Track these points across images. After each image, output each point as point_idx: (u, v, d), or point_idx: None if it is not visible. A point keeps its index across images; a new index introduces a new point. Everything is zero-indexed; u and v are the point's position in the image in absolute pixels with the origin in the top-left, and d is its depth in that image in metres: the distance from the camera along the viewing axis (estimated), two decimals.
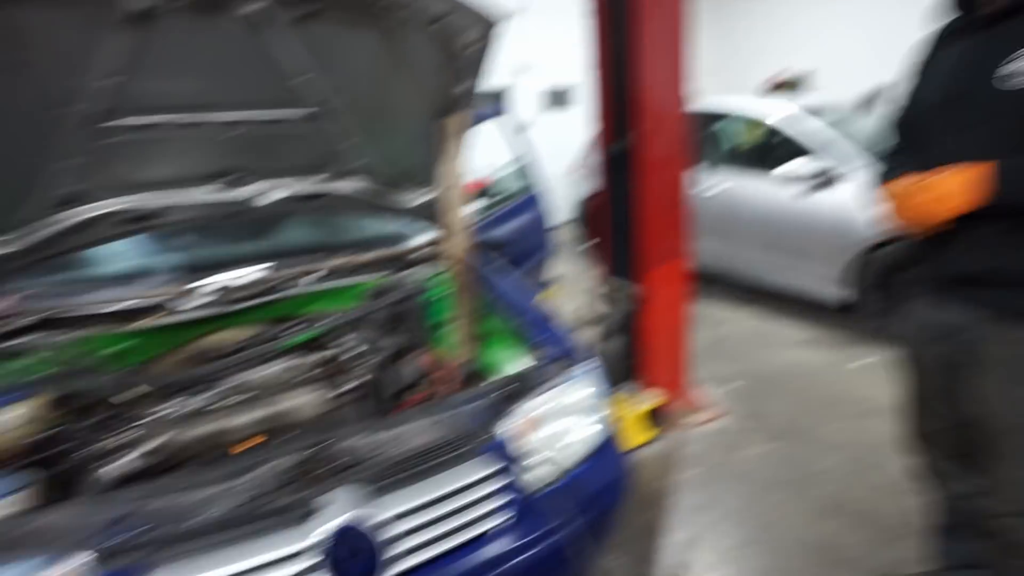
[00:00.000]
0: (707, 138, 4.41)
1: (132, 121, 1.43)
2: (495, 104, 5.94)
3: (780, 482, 2.32)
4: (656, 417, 2.62)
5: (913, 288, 1.46)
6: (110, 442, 1.36)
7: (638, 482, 2.33)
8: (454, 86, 1.70)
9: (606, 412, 1.54)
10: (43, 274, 1.85)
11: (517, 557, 1.23)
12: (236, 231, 2.18)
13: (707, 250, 4.32)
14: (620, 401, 2.62)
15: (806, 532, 2.04)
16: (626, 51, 2.38)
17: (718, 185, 4.20)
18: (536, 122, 7.29)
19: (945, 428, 1.48)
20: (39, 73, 1.27)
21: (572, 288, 4.43)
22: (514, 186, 3.85)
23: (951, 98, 1.21)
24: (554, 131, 6.99)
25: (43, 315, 1.66)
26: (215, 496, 1.09)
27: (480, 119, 3.63)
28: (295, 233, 2.32)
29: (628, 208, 2.54)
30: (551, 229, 3.91)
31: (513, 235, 3.31)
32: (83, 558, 0.94)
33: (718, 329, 3.86)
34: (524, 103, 7.24)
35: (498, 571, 1.21)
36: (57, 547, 0.95)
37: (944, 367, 1.40)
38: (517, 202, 3.62)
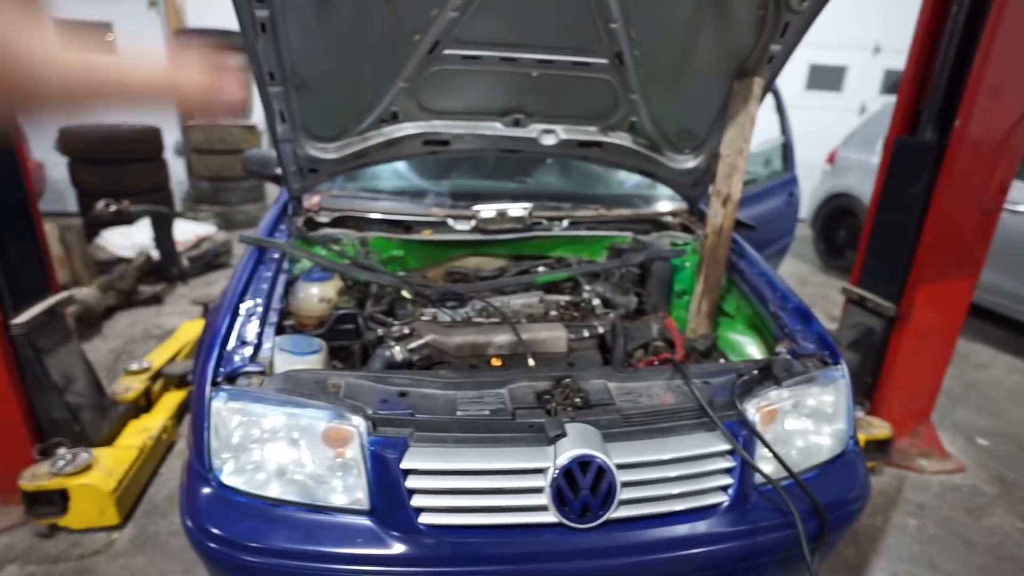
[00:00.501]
0: None
1: (456, 52, 1.60)
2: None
3: (1016, 564, 1.95)
4: (880, 449, 2.34)
5: None
6: (385, 332, 1.60)
7: None
8: (767, 46, 1.61)
9: (848, 424, 1.42)
10: (348, 179, 2.22)
11: (722, 543, 1.22)
12: (507, 168, 2.36)
13: (993, 280, 3.65)
14: None
15: None
16: (965, 20, 2.00)
17: None
18: (797, 103, 6.63)
19: None
20: (399, 4, 1.46)
21: (793, 285, 4.08)
22: (769, 168, 3.60)
23: None
24: (815, 115, 6.31)
25: (341, 213, 2.01)
26: (472, 399, 1.24)
27: None
28: (558, 179, 2.44)
29: (913, 209, 2.20)
30: (796, 221, 3.61)
31: (762, 218, 3.13)
32: (360, 419, 1.14)
33: (977, 373, 3.28)
34: (786, 79, 6.60)
35: (709, 549, 1.21)
36: (343, 403, 1.16)
37: None
38: (769, 184, 3.40)
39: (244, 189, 5.75)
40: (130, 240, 4.06)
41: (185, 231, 4.39)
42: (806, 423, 1.40)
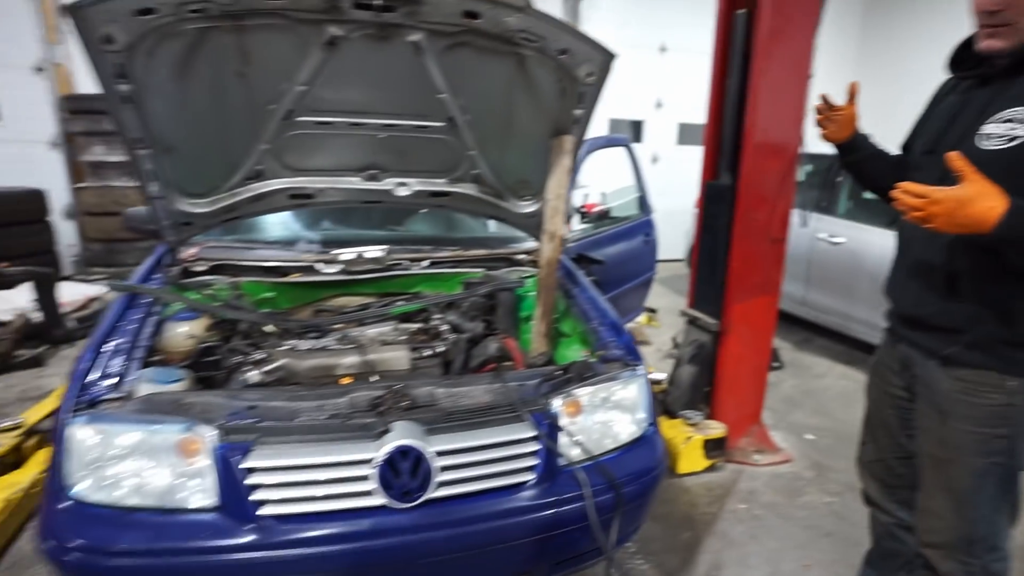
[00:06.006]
0: (845, 185, 4.23)
1: (310, 119, 1.86)
2: (624, 134, 6.20)
3: (826, 533, 2.31)
4: (717, 448, 2.69)
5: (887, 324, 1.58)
6: (243, 359, 1.78)
7: (689, 503, 2.45)
8: (571, 110, 1.95)
9: (648, 413, 1.72)
10: (222, 232, 2.39)
11: (529, 515, 1.45)
12: (368, 217, 2.61)
13: (821, 302, 4.22)
14: (683, 425, 2.73)
15: None
16: (738, 88, 2.51)
17: (845, 236, 4.02)
18: (668, 156, 7.38)
19: (881, 460, 1.61)
20: (253, 80, 1.72)
21: (668, 320, 4.53)
22: (627, 212, 4.05)
23: (938, 150, 1.26)
24: (686, 167, 7.05)
25: (217, 262, 2.17)
26: (314, 408, 1.44)
27: (606, 145, 3.91)
28: (415, 225, 2.72)
29: (721, 240, 2.64)
30: (655, 259, 4.06)
31: (617, 256, 3.52)
32: (211, 430, 1.31)
33: (812, 381, 3.78)
34: (659, 137, 7.35)
35: (515, 520, 1.44)
36: (196, 418, 1.33)
37: (890, 398, 1.54)
38: (626, 226, 3.83)
39: (139, 250, 5.65)
40: (8, 303, 3.96)
41: (72, 292, 4.32)
42: (610, 414, 1.68)
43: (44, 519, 1.30)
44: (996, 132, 1.21)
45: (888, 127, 2.27)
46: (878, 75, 7.45)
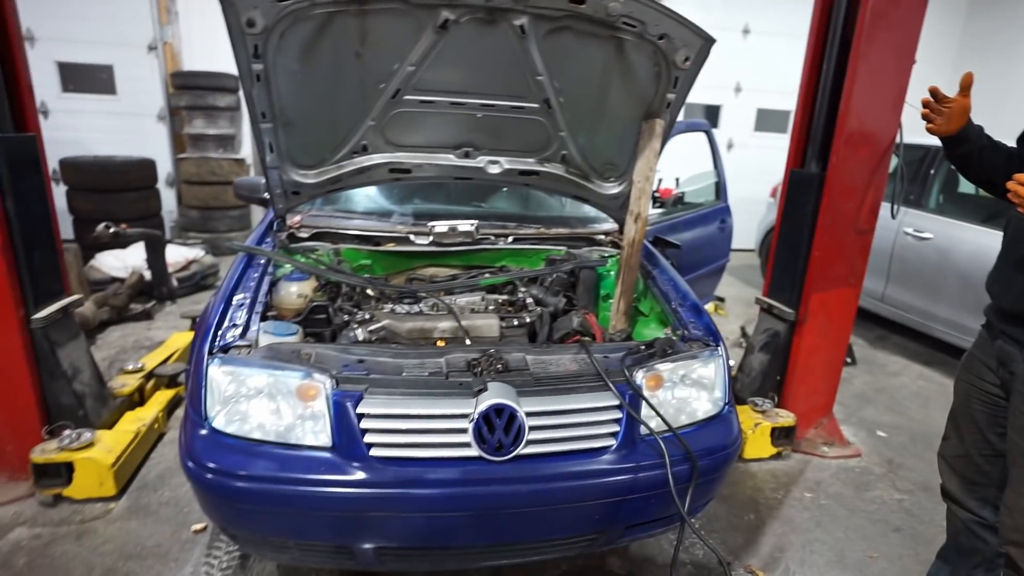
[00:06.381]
0: (938, 178, 4.07)
1: (415, 98, 1.98)
2: (705, 119, 6.09)
3: (895, 528, 2.30)
4: (785, 436, 2.70)
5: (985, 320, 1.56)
6: (349, 318, 1.95)
7: (754, 488, 2.48)
8: (665, 94, 2.00)
9: (724, 393, 1.77)
10: (326, 202, 2.58)
11: (608, 477, 1.54)
12: (454, 194, 2.74)
13: (901, 299, 4.08)
14: (752, 411, 2.75)
15: None
16: (834, 74, 2.46)
17: (934, 231, 3.86)
18: (744, 143, 7.20)
19: (966, 455, 1.60)
20: (368, 60, 1.85)
21: (736, 309, 4.49)
22: (704, 197, 4.04)
23: None
24: (763, 154, 6.85)
25: (319, 230, 2.35)
26: (415, 365, 1.58)
27: (686, 130, 3.89)
28: (501, 202, 2.83)
29: (804, 230, 2.62)
30: (730, 246, 4.03)
31: (693, 241, 3.54)
32: (327, 378, 1.47)
33: (887, 379, 3.68)
34: (736, 122, 7.17)
35: (595, 481, 1.54)
36: (313, 367, 1.49)
37: (981, 394, 1.53)
38: (703, 212, 3.82)
39: (231, 218, 6.09)
40: (122, 262, 4.36)
41: (175, 254, 4.71)
42: (689, 391, 1.75)
43: (187, 443, 1.49)
44: None
45: (992, 118, 2.19)
46: (983, 62, 6.96)
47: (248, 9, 1.59)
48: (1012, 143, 1.54)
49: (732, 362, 3.14)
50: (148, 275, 4.28)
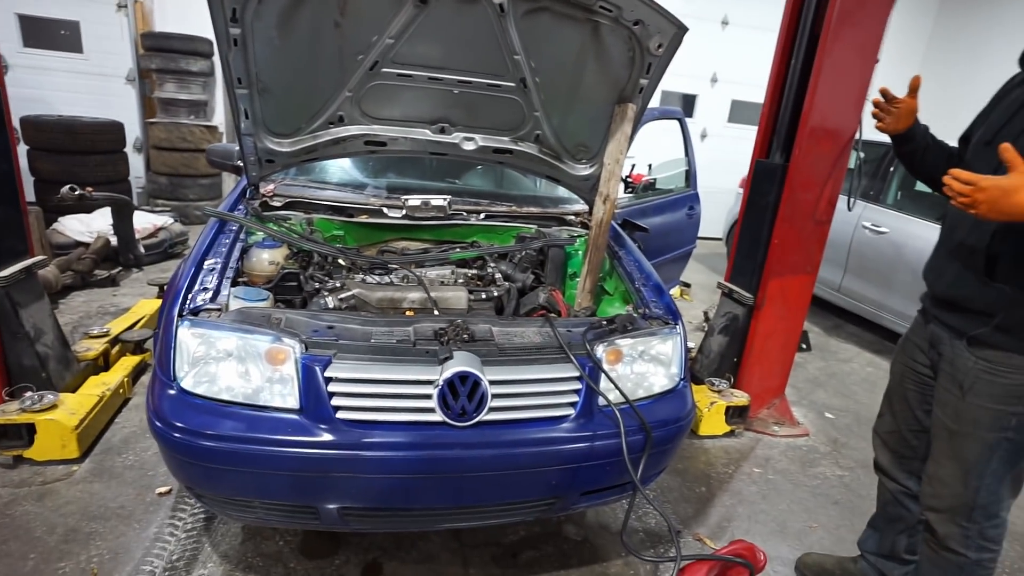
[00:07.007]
0: (897, 176, 4.23)
1: (393, 71, 1.99)
2: (682, 108, 6.18)
3: (834, 501, 2.46)
4: (739, 415, 2.83)
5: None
6: (320, 286, 1.98)
7: (707, 463, 2.60)
8: (637, 79, 2.04)
9: (680, 369, 1.86)
10: (300, 172, 2.58)
11: (566, 444, 1.61)
12: (428, 169, 2.77)
13: (857, 290, 4.25)
14: (708, 390, 2.87)
15: (837, 548, 2.17)
16: (802, 69, 2.55)
17: (890, 226, 4.04)
18: (717, 133, 7.32)
19: (897, 431, 1.74)
20: (347, 30, 1.85)
21: (701, 295, 4.61)
22: (674, 184, 4.12)
23: (995, 141, 1.32)
24: (735, 145, 6.98)
25: (292, 199, 2.36)
26: (384, 333, 1.62)
27: (660, 117, 3.96)
28: (475, 179, 2.86)
29: (766, 218, 2.72)
30: (697, 232, 4.13)
31: (661, 226, 3.63)
32: (296, 342, 1.50)
33: (838, 365, 3.86)
34: (710, 112, 7.28)
35: (553, 448, 1.61)
36: (283, 331, 1.53)
37: (913, 374, 1.66)
38: (672, 198, 3.91)
39: (201, 186, 5.98)
40: (87, 226, 4.28)
41: (143, 220, 4.62)
42: (647, 366, 1.83)
43: (155, 403, 1.51)
44: None
45: (958, 116, 2.28)
46: (950, 64, 7.19)
47: None
48: (957, 143, 1.64)
49: (692, 344, 3.25)
50: (114, 241, 4.20)
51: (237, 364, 1.53)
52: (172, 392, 1.51)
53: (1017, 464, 1.47)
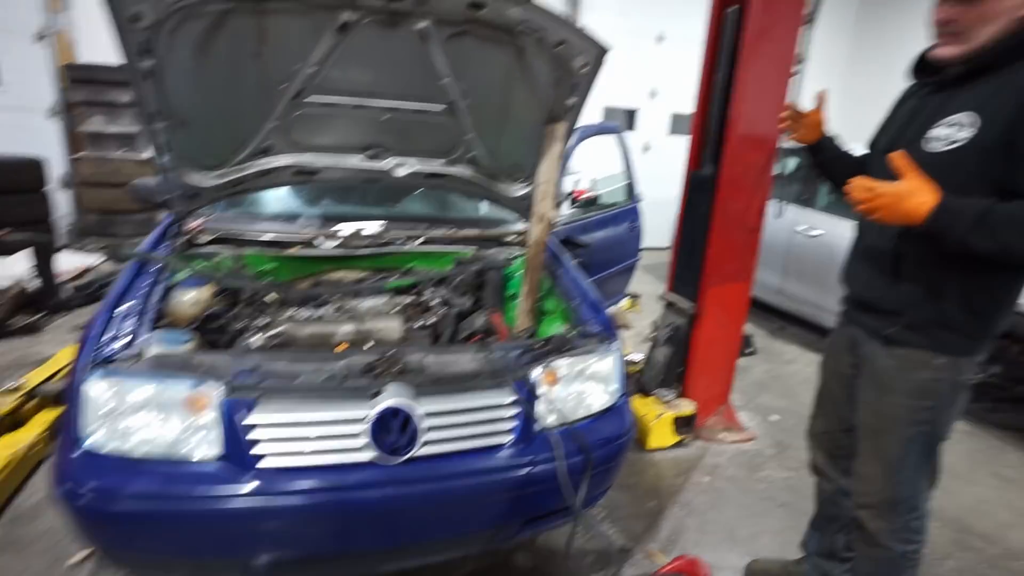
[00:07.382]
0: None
1: (318, 99, 1.95)
2: (617, 122, 6.29)
3: (780, 504, 2.50)
4: (687, 425, 2.85)
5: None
6: (247, 324, 1.90)
7: (656, 476, 2.61)
8: (565, 99, 2.06)
9: (620, 384, 1.86)
10: (226, 206, 2.49)
11: (505, 473, 1.59)
12: (366, 196, 2.72)
13: (796, 292, 4.38)
14: (656, 402, 2.89)
15: (784, 551, 2.19)
16: (725, 82, 2.63)
17: (823, 228, 4.18)
18: (659, 145, 7.49)
19: (829, 432, 1.79)
20: (268, 59, 1.80)
21: (650, 306, 4.66)
22: (616, 198, 4.17)
23: (892, 150, 1.35)
24: (677, 156, 7.14)
25: (221, 234, 2.27)
26: (312, 370, 1.56)
27: (598, 132, 4.01)
28: (412, 204, 2.83)
29: (700, 228, 2.78)
30: (639, 245, 4.19)
31: (603, 241, 3.66)
32: (218, 386, 1.43)
33: (782, 367, 3.96)
34: (651, 126, 7.45)
35: (492, 478, 1.58)
36: (204, 376, 1.45)
37: (839, 376, 1.70)
38: (613, 212, 3.96)
39: (135, 223, 5.72)
40: (4, 271, 4.04)
41: (69, 261, 4.40)
42: (585, 384, 1.82)
43: (59, 466, 1.40)
44: (940, 136, 1.34)
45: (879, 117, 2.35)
46: (870, 74, 7.58)
47: (135, 2, 1.52)
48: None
49: (640, 356, 3.28)
50: (33, 285, 3.97)
51: (155, 414, 1.45)
52: (75, 454, 1.39)
53: (932, 458, 1.53)
